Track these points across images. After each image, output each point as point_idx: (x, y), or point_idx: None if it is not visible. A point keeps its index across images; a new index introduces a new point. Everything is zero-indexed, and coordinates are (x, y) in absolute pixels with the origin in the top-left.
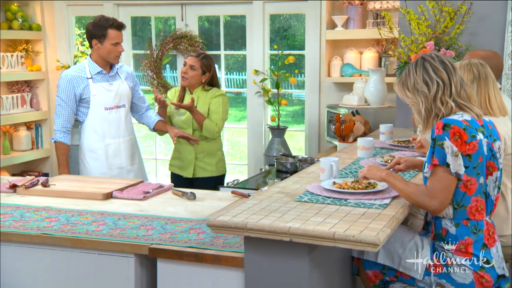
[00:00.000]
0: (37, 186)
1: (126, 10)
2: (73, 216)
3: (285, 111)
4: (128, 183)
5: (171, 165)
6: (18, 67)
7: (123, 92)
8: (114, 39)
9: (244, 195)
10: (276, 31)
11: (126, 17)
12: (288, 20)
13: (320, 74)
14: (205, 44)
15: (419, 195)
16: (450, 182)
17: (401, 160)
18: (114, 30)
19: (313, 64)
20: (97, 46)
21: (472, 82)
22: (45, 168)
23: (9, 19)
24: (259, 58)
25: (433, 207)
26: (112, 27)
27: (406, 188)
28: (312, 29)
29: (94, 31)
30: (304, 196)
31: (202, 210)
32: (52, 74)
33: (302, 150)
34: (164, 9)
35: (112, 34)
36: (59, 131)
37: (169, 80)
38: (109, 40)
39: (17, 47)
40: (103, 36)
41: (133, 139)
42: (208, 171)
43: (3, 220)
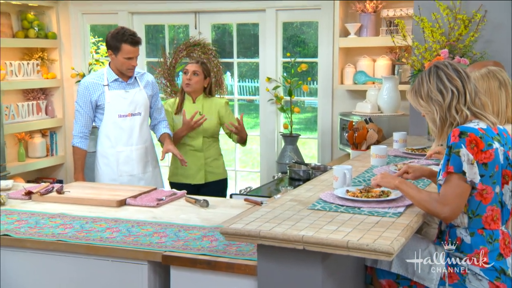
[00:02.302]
0: (52, 193)
1: (140, 18)
2: (87, 223)
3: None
4: (141, 190)
5: (175, 175)
6: (33, 75)
7: (140, 100)
8: (127, 53)
9: (257, 203)
10: (289, 38)
11: (140, 25)
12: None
13: (333, 82)
14: (218, 52)
15: (430, 202)
16: (464, 190)
17: (409, 170)
18: (128, 45)
19: (326, 71)
20: (111, 57)
21: (499, 89)
22: (60, 175)
23: (25, 27)
24: (272, 65)
25: (445, 214)
26: (126, 42)
27: (418, 195)
28: (325, 37)
29: (111, 42)
30: (317, 204)
31: (215, 218)
32: (67, 82)
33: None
34: (177, 17)
35: (126, 48)
36: (77, 136)
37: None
38: (122, 54)
39: (33, 55)
40: (117, 49)
41: (148, 148)
42: (218, 174)
43: (18, 226)
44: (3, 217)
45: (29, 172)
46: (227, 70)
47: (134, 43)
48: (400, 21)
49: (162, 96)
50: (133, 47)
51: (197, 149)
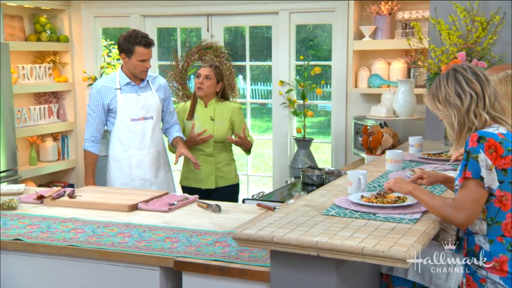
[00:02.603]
0: (64, 197)
1: (152, 21)
2: (99, 227)
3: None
4: (153, 195)
5: (186, 179)
6: (45, 78)
7: (152, 103)
8: (141, 56)
9: (270, 208)
10: (302, 41)
11: (152, 28)
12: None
13: (347, 85)
14: (230, 55)
15: (444, 207)
16: (481, 196)
17: (424, 175)
18: (142, 48)
19: (340, 75)
20: (124, 60)
21: None
22: (71, 179)
23: (37, 31)
24: (284, 68)
25: (459, 220)
26: (140, 44)
27: (432, 201)
28: (339, 40)
29: (123, 45)
30: (331, 210)
31: (227, 223)
32: (79, 85)
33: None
34: (190, 20)
35: (139, 51)
36: (88, 140)
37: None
38: (136, 56)
39: (45, 59)
40: (131, 52)
41: (161, 152)
42: (229, 179)
43: (30, 231)
44: (14, 222)
45: (40, 176)
46: (239, 73)
47: (147, 45)
48: (416, 23)
49: (174, 100)
50: (146, 49)
51: (208, 153)
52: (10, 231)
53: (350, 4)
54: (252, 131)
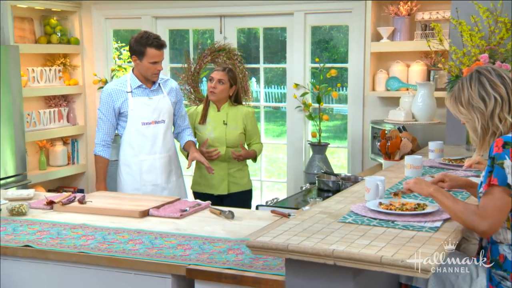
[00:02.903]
0: (74, 203)
1: (164, 23)
2: (109, 234)
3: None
4: (164, 201)
5: (197, 185)
6: (55, 81)
7: (163, 107)
8: (153, 57)
9: (285, 215)
10: (317, 43)
11: (164, 30)
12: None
13: (364, 88)
14: (243, 57)
15: (468, 214)
16: (506, 204)
17: (446, 178)
18: (153, 49)
19: (356, 77)
20: (136, 62)
21: None
22: (81, 184)
23: (48, 33)
24: (299, 71)
25: (483, 228)
26: (152, 46)
27: (454, 205)
28: (356, 41)
29: (135, 47)
30: (348, 217)
31: (241, 230)
32: (89, 88)
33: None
34: (202, 22)
35: (151, 52)
36: (99, 144)
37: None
38: (147, 58)
39: (55, 61)
40: (142, 54)
41: (172, 156)
42: (242, 185)
43: (40, 237)
44: (24, 228)
45: (50, 181)
46: (253, 76)
47: (159, 47)
48: (436, 24)
49: (186, 103)
50: (158, 50)
51: (220, 159)
52: (19, 237)
53: (367, 5)
54: (266, 135)
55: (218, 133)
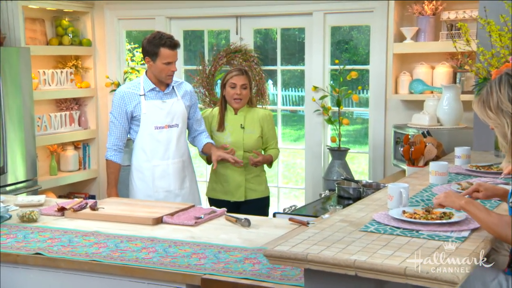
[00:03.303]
0: (86, 210)
1: (178, 23)
2: (122, 242)
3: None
4: (178, 207)
5: (213, 191)
6: (67, 84)
7: (177, 111)
8: (166, 58)
9: (303, 223)
10: (337, 44)
11: (178, 31)
12: (350, 32)
13: (386, 91)
14: (260, 59)
15: (502, 226)
16: None
17: (480, 188)
18: (167, 49)
19: (378, 80)
20: (149, 63)
21: None
22: (92, 189)
23: (59, 34)
24: (318, 73)
25: None
26: (165, 46)
27: (487, 218)
28: (377, 42)
29: (148, 48)
30: (370, 226)
31: (258, 238)
32: (101, 91)
33: (365, 174)
34: (218, 22)
35: (164, 53)
36: (110, 149)
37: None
38: (161, 59)
39: (67, 63)
40: (156, 55)
41: (186, 162)
42: (259, 192)
43: (51, 245)
44: (35, 235)
45: (60, 187)
46: (269, 78)
47: (172, 46)
48: (463, 24)
49: (201, 107)
50: (172, 50)
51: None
52: (30, 245)
53: (390, 4)
54: (283, 140)
55: (235, 138)
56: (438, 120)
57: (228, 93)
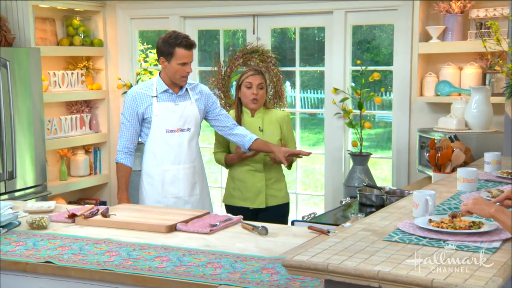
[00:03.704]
0: (97, 216)
1: (193, 23)
2: (134, 250)
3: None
4: (193, 214)
5: (231, 197)
6: (77, 85)
7: (190, 114)
8: (182, 58)
9: (323, 232)
10: (359, 43)
11: (192, 30)
12: (372, 31)
13: (410, 93)
14: (278, 59)
15: None
16: None
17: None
18: (183, 49)
19: (402, 81)
20: (164, 64)
21: None
22: (103, 195)
23: (70, 34)
24: (339, 74)
25: None
26: (181, 46)
27: None
28: (402, 42)
29: (163, 48)
30: (394, 235)
31: (275, 248)
32: (113, 93)
33: (388, 180)
34: (234, 22)
35: (180, 53)
36: (121, 151)
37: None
38: (176, 59)
39: (78, 64)
40: (171, 55)
41: (197, 167)
42: (280, 198)
43: (62, 253)
44: (45, 242)
45: (70, 193)
46: (287, 80)
47: (188, 46)
48: (493, 22)
49: None
50: (187, 50)
51: (257, 169)
52: (40, 253)
53: (415, 2)
54: (301, 144)
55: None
56: (466, 124)
57: (244, 94)
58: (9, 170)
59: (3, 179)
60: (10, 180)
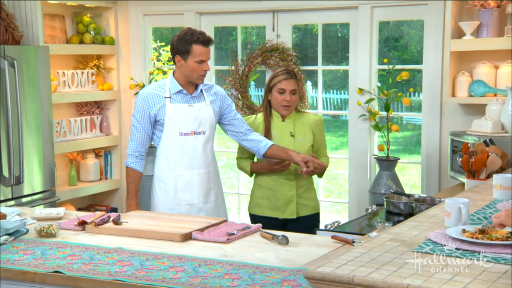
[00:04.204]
0: (108, 224)
1: (209, 19)
2: (147, 260)
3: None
4: (209, 222)
5: (258, 206)
6: (88, 86)
7: (205, 116)
8: (199, 56)
9: (348, 242)
10: (385, 41)
11: (208, 27)
12: (400, 28)
13: (442, 94)
14: (299, 58)
15: None
16: None
17: None
18: (200, 46)
19: (433, 81)
20: (180, 63)
21: None
22: (114, 201)
23: (80, 32)
24: (364, 74)
25: None
26: (198, 42)
27: None
28: (432, 38)
29: (178, 45)
30: (425, 246)
31: (297, 258)
32: (125, 93)
33: (417, 187)
34: (252, 18)
35: (197, 50)
36: (131, 155)
37: (255, 100)
38: (193, 57)
39: (88, 63)
40: (187, 52)
41: (212, 173)
42: (311, 208)
43: (71, 262)
44: (54, 251)
45: (80, 198)
46: (309, 79)
47: (205, 43)
48: None
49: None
50: (205, 47)
51: (288, 177)
52: (49, 262)
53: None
54: None
55: (285, 144)
56: (502, 127)
57: (275, 99)
58: (16, 175)
59: (10, 184)
60: (17, 185)
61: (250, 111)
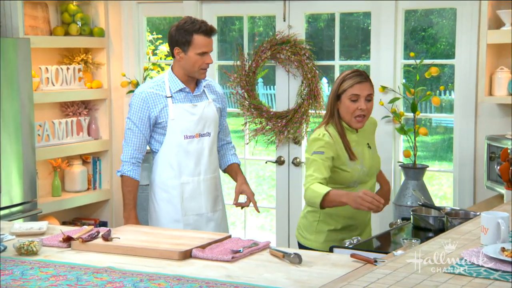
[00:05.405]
0: (97, 240)
1: (212, 8)
2: (142, 281)
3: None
4: (212, 238)
5: (321, 233)
6: (74, 83)
7: (209, 116)
8: (201, 47)
9: (369, 261)
10: (411, 32)
11: (211, 17)
12: (429, 17)
13: (477, 92)
14: (313, 52)
15: None
16: None
17: None
18: (202, 36)
19: (466, 78)
20: (179, 56)
21: None
22: (103, 215)
23: (66, 22)
24: (388, 70)
25: None
26: (199, 32)
27: None
28: (465, 30)
29: (177, 36)
30: (458, 267)
31: (311, 279)
32: (116, 92)
33: (448, 198)
34: (260, 6)
35: (199, 40)
36: (127, 162)
37: (263, 100)
38: (194, 48)
39: (74, 58)
40: (188, 43)
41: (218, 179)
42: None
43: (55, 284)
44: (35, 271)
45: (65, 211)
46: (324, 76)
47: (207, 32)
48: None
49: (238, 112)
50: (207, 37)
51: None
52: (30, 284)
53: None
54: None
55: (369, 163)
56: None
57: (346, 108)
58: None
59: None
60: None
61: (258, 111)
